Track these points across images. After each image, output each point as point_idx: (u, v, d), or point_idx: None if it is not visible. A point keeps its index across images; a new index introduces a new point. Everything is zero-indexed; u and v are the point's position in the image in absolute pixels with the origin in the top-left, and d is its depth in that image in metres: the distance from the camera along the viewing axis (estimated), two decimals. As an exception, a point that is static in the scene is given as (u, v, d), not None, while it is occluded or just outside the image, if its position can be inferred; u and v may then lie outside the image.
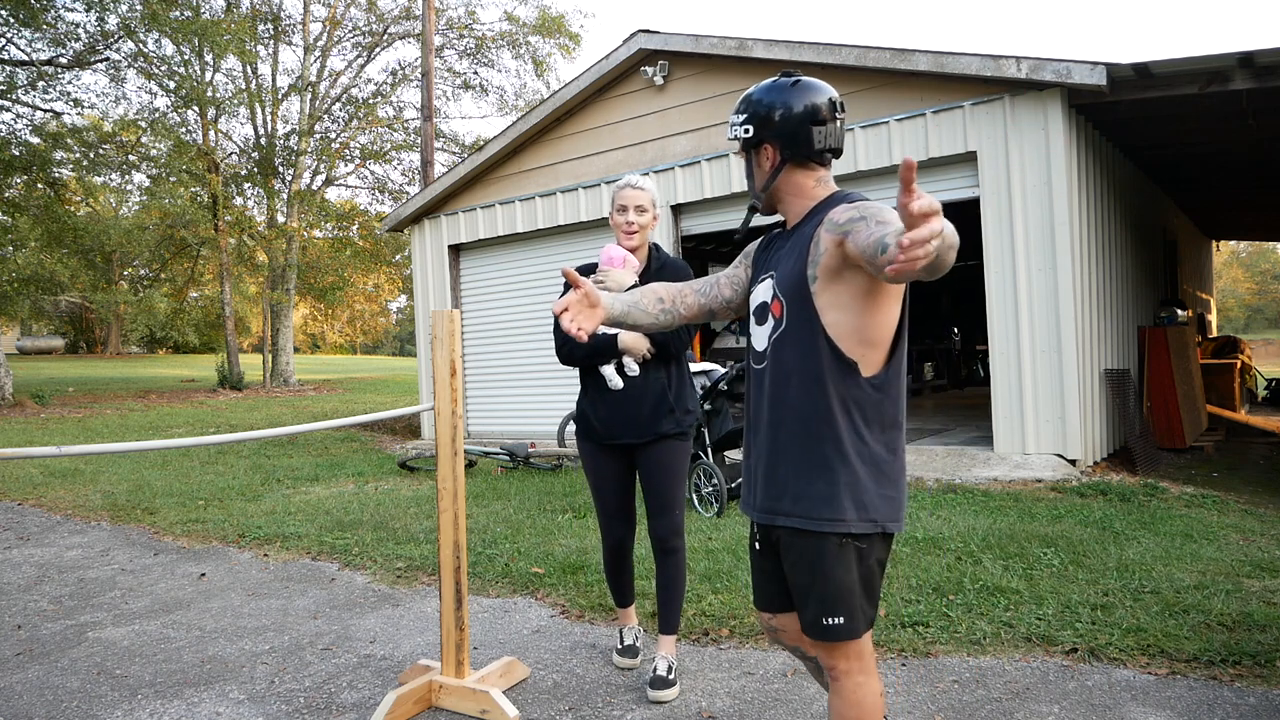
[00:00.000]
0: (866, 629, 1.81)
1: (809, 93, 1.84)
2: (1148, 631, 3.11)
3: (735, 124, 1.92)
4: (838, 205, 1.77)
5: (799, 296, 1.78)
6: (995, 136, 6.64)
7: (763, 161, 1.90)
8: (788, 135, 1.85)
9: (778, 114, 1.85)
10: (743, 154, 1.95)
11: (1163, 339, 8.07)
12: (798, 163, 1.87)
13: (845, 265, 1.70)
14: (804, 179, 1.88)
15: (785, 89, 1.86)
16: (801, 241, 1.82)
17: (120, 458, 9.46)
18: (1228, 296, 56.58)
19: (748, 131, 1.89)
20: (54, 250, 20.79)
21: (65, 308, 40.19)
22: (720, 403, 5.78)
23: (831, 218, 1.73)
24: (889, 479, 1.78)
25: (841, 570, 1.75)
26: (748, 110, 1.89)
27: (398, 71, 23.95)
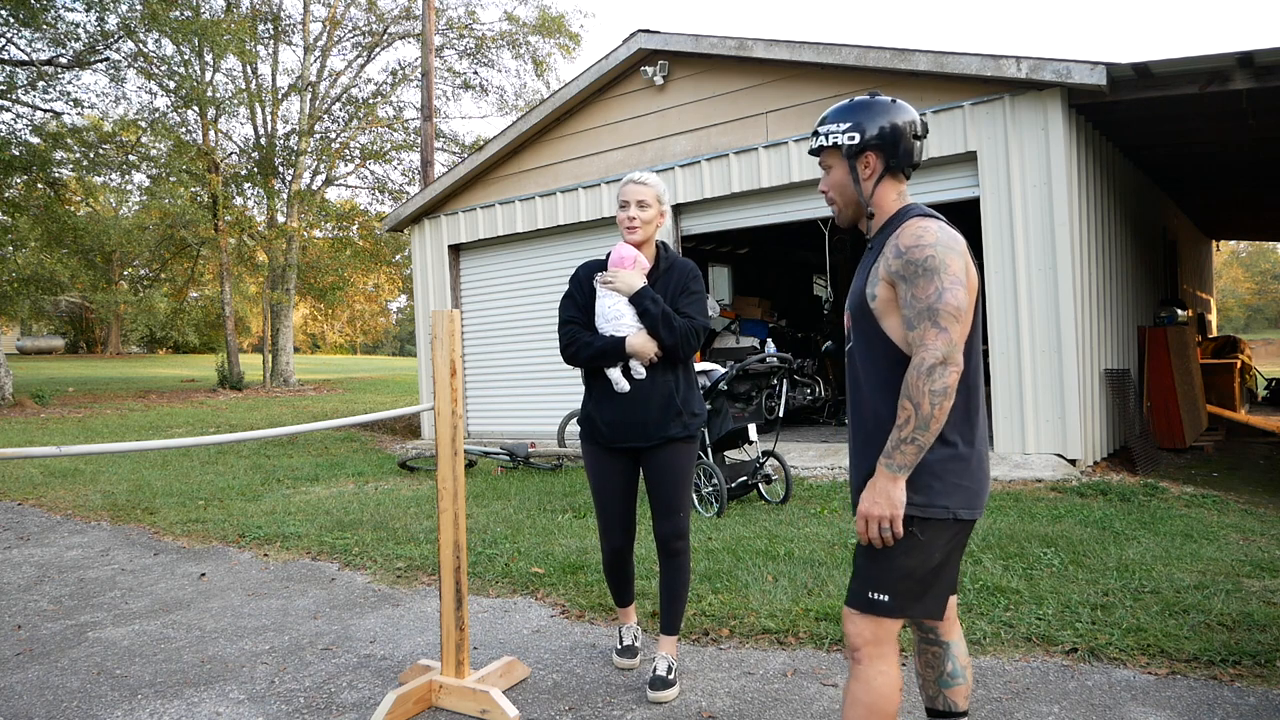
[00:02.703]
0: (911, 614, 1.88)
1: (908, 110, 1.98)
2: (1148, 631, 3.11)
3: (836, 131, 1.97)
4: (903, 223, 1.90)
5: (862, 312, 1.93)
6: (995, 136, 6.64)
7: (863, 170, 1.97)
8: (891, 145, 1.95)
9: (884, 124, 1.95)
10: (835, 162, 2.00)
11: (1163, 339, 8.07)
12: (892, 174, 1.97)
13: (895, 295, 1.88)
14: (891, 190, 1.98)
15: (887, 105, 1.97)
16: (869, 262, 1.96)
17: (120, 458, 9.46)
18: (1228, 296, 56.57)
19: (853, 138, 1.95)
20: (54, 250, 20.79)
21: (65, 308, 40.18)
22: (720, 403, 5.78)
23: (888, 255, 1.88)
24: (964, 468, 1.87)
25: (901, 552, 1.85)
26: (851, 119, 1.96)
27: (398, 71, 23.96)
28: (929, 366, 1.75)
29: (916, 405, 1.76)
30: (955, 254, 1.82)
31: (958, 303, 1.78)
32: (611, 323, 2.92)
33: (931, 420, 1.76)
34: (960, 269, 1.82)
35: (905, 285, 1.82)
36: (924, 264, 1.80)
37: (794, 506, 5.69)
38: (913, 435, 1.77)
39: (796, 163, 7.68)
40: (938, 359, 1.75)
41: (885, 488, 1.80)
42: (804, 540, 4.67)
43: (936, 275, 1.79)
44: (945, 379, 1.75)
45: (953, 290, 1.78)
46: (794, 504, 5.77)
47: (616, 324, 2.91)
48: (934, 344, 1.76)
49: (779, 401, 6.29)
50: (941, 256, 1.80)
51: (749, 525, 5.15)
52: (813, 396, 9.78)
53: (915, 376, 1.77)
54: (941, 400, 1.76)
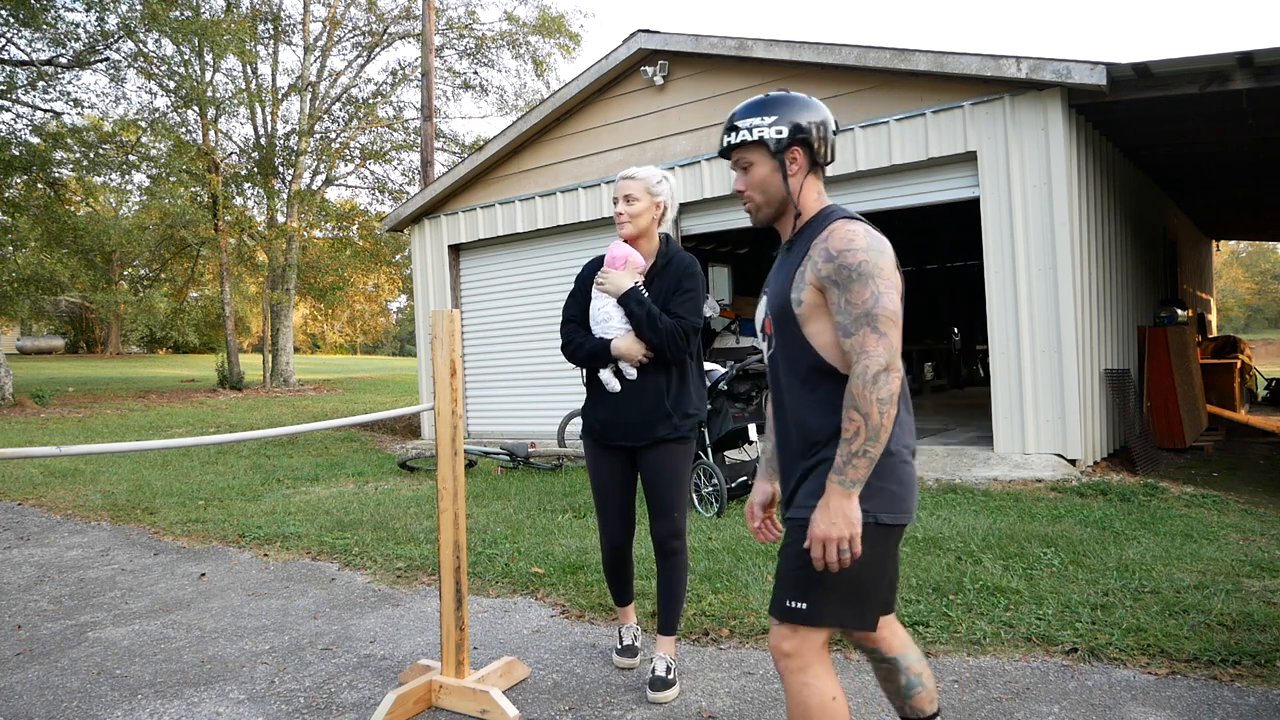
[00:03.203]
0: (833, 625, 1.81)
1: (821, 106, 1.94)
2: (1148, 631, 3.11)
3: (761, 125, 1.88)
4: (825, 227, 1.84)
5: (784, 315, 1.86)
6: (995, 136, 6.64)
7: (791, 166, 1.90)
8: (818, 139, 1.90)
9: (809, 118, 1.89)
10: (758, 159, 1.91)
11: (1163, 339, 8.07)
12: (815, 171, 1.92)
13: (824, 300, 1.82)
14: (814, 188, 1.93)
15: (804, 98, 1.93)
16: (792, 264, 1.87)
17: (120, 458, 9.46)
18: (1228, 296, 56.58)
19: (780, 132, 1.87)
20: (54, 250, 20.79)
21: (65, 308, 40.18)
22: (720, 403, 5.78)
23: (816, 259, 1.80)
24: (886, 470, 1.79)
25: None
26: (774, 113, 1.89)
27: (398, 71, 23.96)
28: (874, 374, 1.70)
29: (865, 415, 1.69)
30: (886, 258, 1.78)
31: (894, 307, 1.74)
32: (601, 324, 2.94)
33: (881, 430, 1.70)
34: (891, 273, 1.78)
35: (838, 291, 1.77)
36: (858, 269, 1.75)
37: (794, 506, 5.69)
38: (864, 448, 1.70)
39: (796, 163, 7.67)
40: (881, 365, 1.70)
41: (841, 506, 1.71)
42: (804, 540, 4.66)
43: (871, 280, 1.74)
44: (890, 385, 1.70)
45: (888, 295, 1.74)
46: (794, 504, 5.76)
47: (605, 326, 2.92)
48: (876, 350, 1.71)
49: (779, 401, 6.29)
50: (874, 261, 1.75)
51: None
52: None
53: (861, 385, 1.70)
54: (888, 408, 1.70)
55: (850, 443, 1.71)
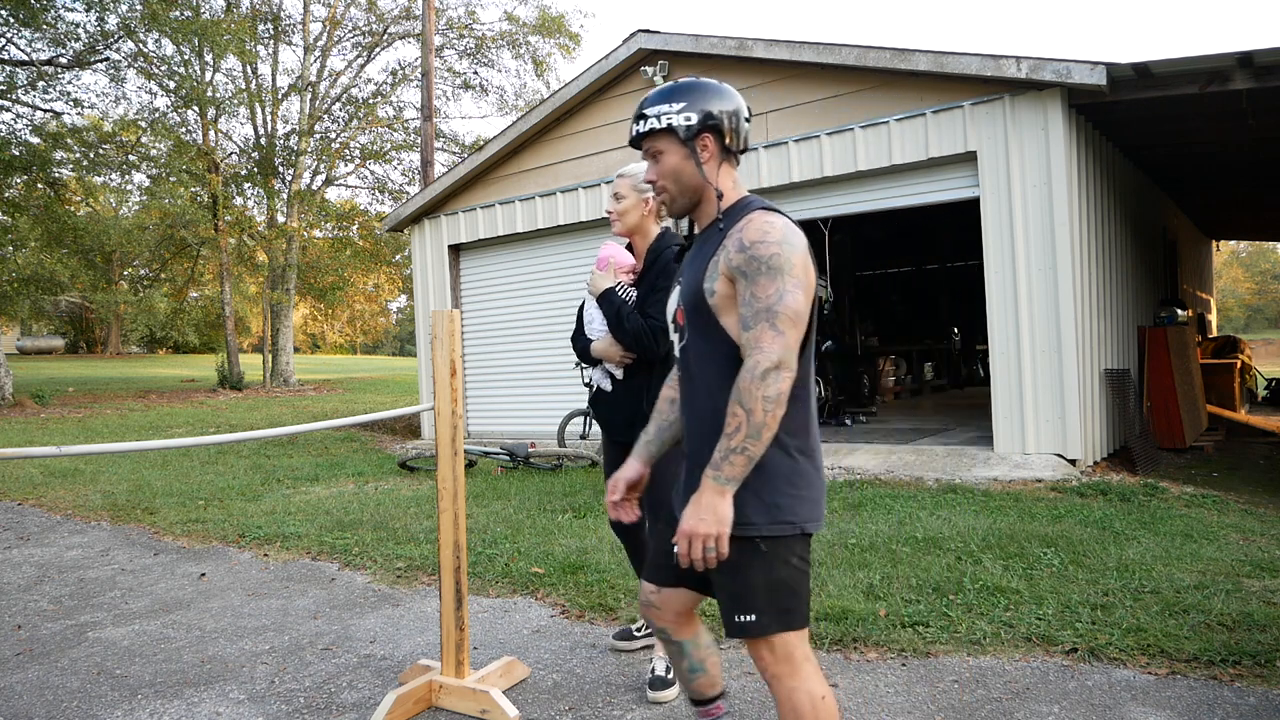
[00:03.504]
0: (783, 630, 1.77)
1: (734, 94, 1.88)
2: (1148, 631, 3.11)
3: (670, 112, 1.83)
4: (742, 216, 1.79)
5: (699, 308, 1.80)
6: (995, 136, 6.64)
7: (705, 154, 1.84)
8: (728, 126, 1.84)
9: (719, 105, 1.84)
10: (669, 147, 1.85)
11: (1163, 339, 8.07)
12: (728, 158, 1.87)
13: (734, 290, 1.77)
14: (728, 177, 1.88)
15: (715, 85, 1.88)
16: (705, 254, 1.83)
17: (120, 458, 9.46)
18: (1228, 296, 56.58)
19: (689, 119, 1.82)
20: (54, 250, 20.80)
21: (65, 308, 40.19)
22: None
23: (729, 248, 1.76)
24: (803, 480, 1.78)
25: (755, 571, 1.75)
26: (683, 99, 1.84)
27: (398, 71, 23.97)
28: (764, 370, 1.64)
29: (749, 411, 1.64)
30: (799, 253, 1.72)
31: (797, 306, 1.69)
32: (588, 326, 3.00)
33: (763, 428, 1.64)
34: (802, 270, 1.73)
35: (745, 282, 1.71)
36: (769, 261, 1.69)
37: (794, 506, 5.69)
38: (743, 445, 1.65)
39: (796, 163, 7.68)
40: (772, 363, 1.64)
41: (712, 502, 1.66)
42: (804, 540, 4.66)
43: (780, 275, 1.69)
44: (779, 384, 1.64)
45: (793, 293, 1.69)
46: (794, 504, 5.76)
47: (590, 327, 2.98)
48: (770, 347, 1.66)
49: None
50: (787, 255, 1.70)
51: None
52: (813, 396, 9.77)
53: (748, 380, 1.65)
54: (774, 407, 1.64)
55: (730, 438, 1.66)
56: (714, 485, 1.67)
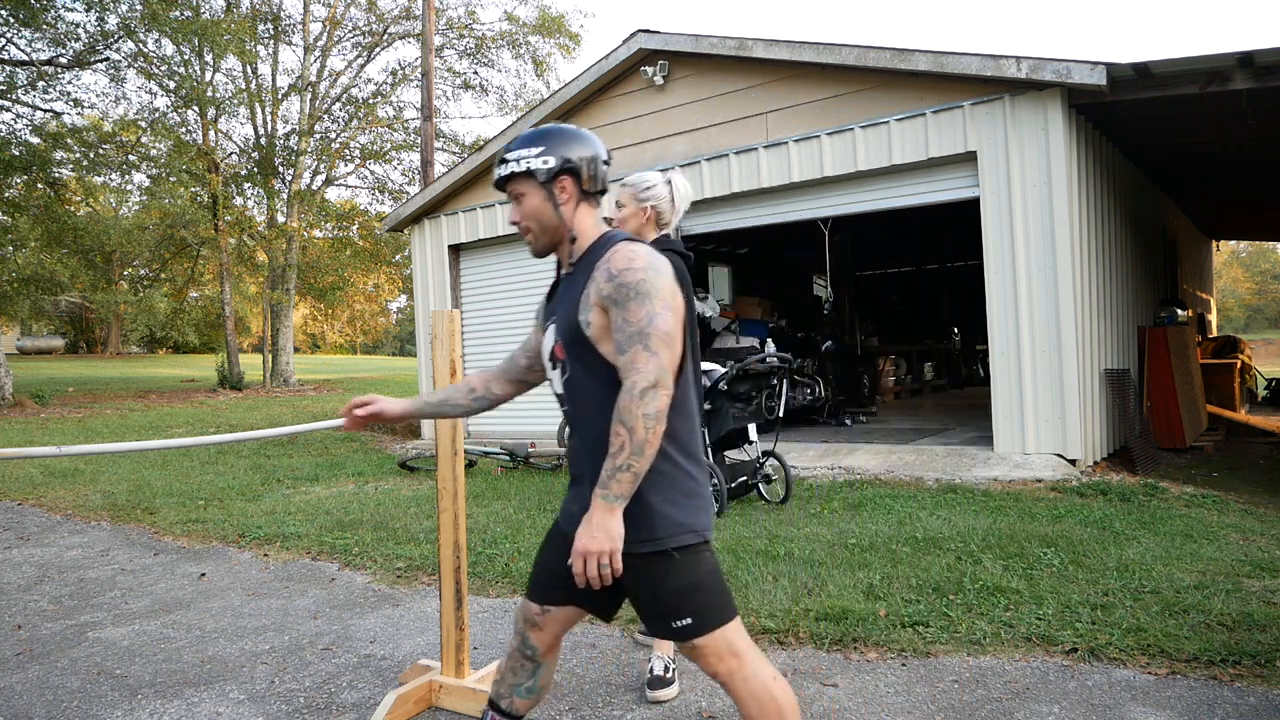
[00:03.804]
0: (721, 623, 1.85)
1: (592, 139, 1.98)
2: (1148, 631, 3.11)
3: (529, 156, 1.92)
4: (605, 251, 1.88)
5: (576, 339, 1.88)
6: (995, 136, 6.64)
7: (560, 195, 1.93)
8: (585, 169, 1.94)
9: (575, 149, 1.94)
10: (529, 189, 1.94)
11: (1163, 339, 8.07)
12: (587, 199, 1.97)
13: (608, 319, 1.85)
14: (589, 215, 1.97)
15: (575, 131, 1.97)
16: (576, 289, 1.90)
17: (120, 458, 9.45)
18: (1228, 296, 56.58)
19: (547, 162, 1.91)
20: (54, 250, 20.79)
21: (65, 308, 40.19)
22: (720, 402, 5.77)
23: (599, 279, 1.84)
24: (697, 490, 1.89)
25: (676, 579, 1.82)
26: (542, 144, 1.93)
27: (398, 71, 23.97)
28: (641, 390, 1.73)
29: (631, 430, 1.72)
30: (665, 279, 1.81)
31: (667, 328, 1.78)
32: None
33: (646, 445, 1.73)
34: (670, 294, 1.81)
35: (617, 309, 1.80)
36: (636, 287, 1.78)
37: (794, 506, 5.69)
38: (628, 462, 1.73)
39: (796, 163, 7.68)
40: (650, 383, 1.73)
41: (603, 520, 1.74)
42: (804, 540, 4.67)
43: (648, 300, 1.78)
44: (657, 402, 1.73)
45: (663, 315, 1.78)
46: (794, 504, 5.77)
47: None
48: (645, 368, 1.74)
49: (779, 401, 6.29)
50: (653, 280, 1.79)
51: (749, 525, 5.15)
52: (813, 396, 9.78)
53: (628, 401, 1.73)
54: (655, 424, 1.73)
55: (615, 457, 1.74)
56: (603, 504, 1.74)
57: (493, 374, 2.21)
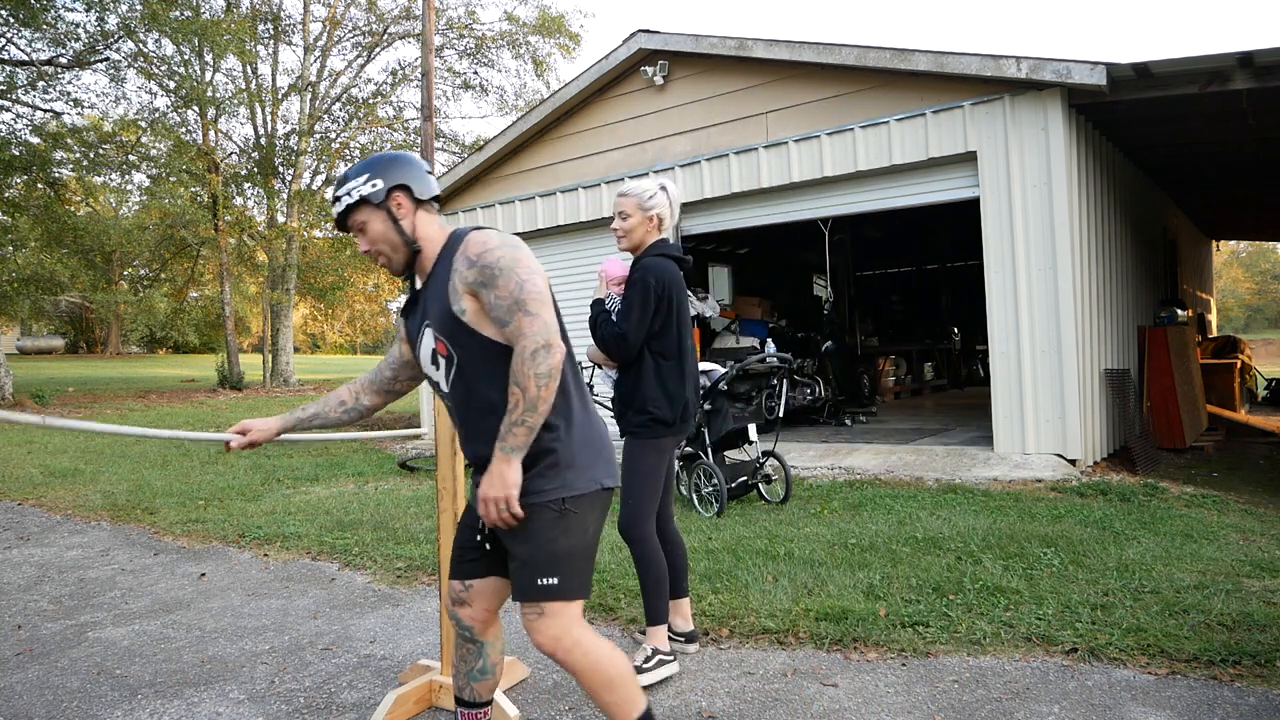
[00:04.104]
0: (580, 595, 2.00)
1: (407, 155, 2.10)
2: (1148, 631, 3.11)
3: (357, 186, 2.01)
4: (459, 246, 1.98)
5: (456, 328, 1.97)
6: (995, 136, 6.64)
7: (400, 211, 2.03)
8: (414, 179, 2.05)
9: (396, 165, 2.05)
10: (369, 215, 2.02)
11: (1163, 339, 8.07)
12: (424, 206, 2.07)
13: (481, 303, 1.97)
14: (431, 222, 2.07)
15: (390, 155, 2.09)
16: (440, 286, 2.00)
17: (120, 458, 9.47)
18: (1228, 296, 56.58)
19: (375, 185, 2.01)
20: (54, 250, 20.80)
21: (65, 308, 40.19)
22: (720, 402, 5.78)
23: (460, 269, 1.95)
24: (595, 439, 2.03)
25: (558, 537, 1.96)
26: (364, 173, 2.02)
27: (398, 71, 23.98)
28: (532, 351, 1.84)
29: (524, 389, 1.84)
30: (522, 251, 1.94)
31: (539, 289, 1.89)
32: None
33: (539, 401, 1.85)
34: (529, 261, 1.93)
35: (487, 290, 1.90)
36: (497, 264, 1.89)
37: (794, 506, 5.69)
38: (522, 418, 1.85)
39: (796, 163, 7.69)
40: (540, 343, 1.84)
41: (500, 469, 1.88)
42: (804, 540, 4.67)
43: (512, 271, 1.89)
44: (550, 360, 1.85)
45: (531, 280, 1.89)
46: (794, 504, 5.77)
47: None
48: (532, 330, 1.85)
49: (779, 401, 6.29)
50: (510, 253, 1.91)
51: (749, 525, 5.15)
52: (813, 396, 9.78)
53: (520, 363, 1.85)
54: (547, 381, 1.84)
55: (511, 413, 1.87)
56: (500, 455, 1.89)
57: (361, 385, 2.32)
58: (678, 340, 3.03)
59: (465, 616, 2.16)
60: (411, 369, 2.30)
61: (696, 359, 3.25)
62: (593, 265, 9.32)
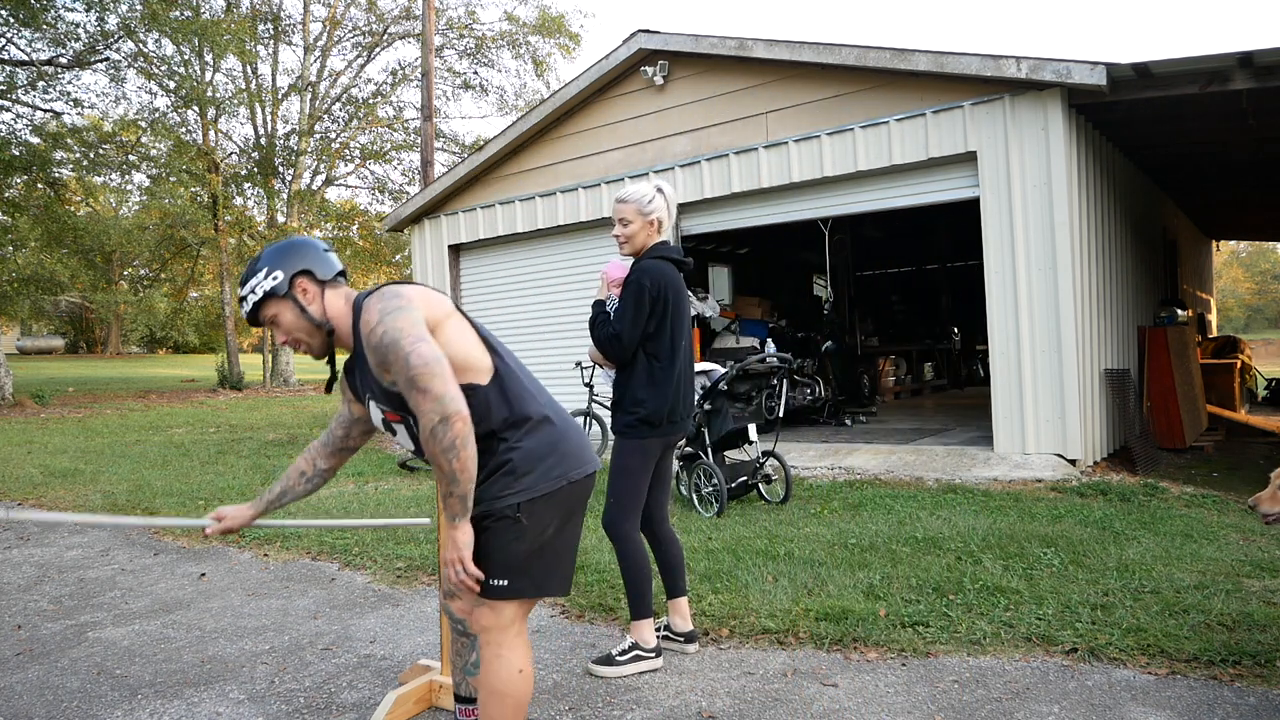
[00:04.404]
0: (522, 596, 2.06)
1: (304, 239, 2.14)
2: (1148, 631, 3.11)
3: (260, 283, 2.05)
4: (361, 317, 1.99)
5: (392, 399, 2.03)
6: (995, 136, 6.64)
7: (305, 298, 2.08)
8: (314, 263, 2.09)
9: (293, 251, 2.09)
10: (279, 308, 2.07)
11: (1163, 339, 8.07)
12: (329, 285, 2.11)
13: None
14: (338, 299, 2.11)
15: (286, 243, 2.13)
16: (364, 363, 2.07)
17: (120, 458, 9.48)
18: (1228, 296, 56.57)
19: (276, 277, 2.04)
20: (54, 250, 20.80)
21: (65, 308, 40.19)
22: (720, 402, 5.77)
23: (369, 350, 1.98)
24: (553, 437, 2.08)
25: (511, 537, 2.03)
26: (263, 266, 2.06)
27: (398, 71, 23.97)
28: (431, 429, 1.87)
29: (438, 465, 1.91)
30: (402, 313, 1.92)
31: (424, 360, 1.87)
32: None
33: (457, 473, 1.90)
34: (412, 323, 1.91)
35: (386, 369, 1.95)
36: (383, 342, 1.90)
37: (794, 506, 5.70)
38: (449, 490, 1.93)
39: (796, 163, 7.69)
40: (435, 420, 1.87)
41: (451, 535, 1.97)
42: (804, 540, 4.67)
43: (396, 346, 1.89)
44: (450, 433, 1.87)
45: (416, 350, 1.88)
46: (794, 504, 5.77)
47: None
48: (425, 408, 1.87)
49: (779, 401, 6.29)
50: (391, 325, 1.90)
51: (749, 525, 5.15)
52: (813, 396, 9.78)
53: (425, 443, 1.91)
54: (456, 453, 1.88)
55: (440, 486, 1.96)
56: (448, 523, 1.97)
57: (317, 451, 2.37)
58: (671, 342, 3.05)
59: (457, 609, 2.20)
60: (363, 424, 2.35)
61: (693, 361, 3.27)
62: (592, 265, 9.33)
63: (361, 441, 2.39)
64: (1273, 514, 2.74)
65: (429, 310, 2.00)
